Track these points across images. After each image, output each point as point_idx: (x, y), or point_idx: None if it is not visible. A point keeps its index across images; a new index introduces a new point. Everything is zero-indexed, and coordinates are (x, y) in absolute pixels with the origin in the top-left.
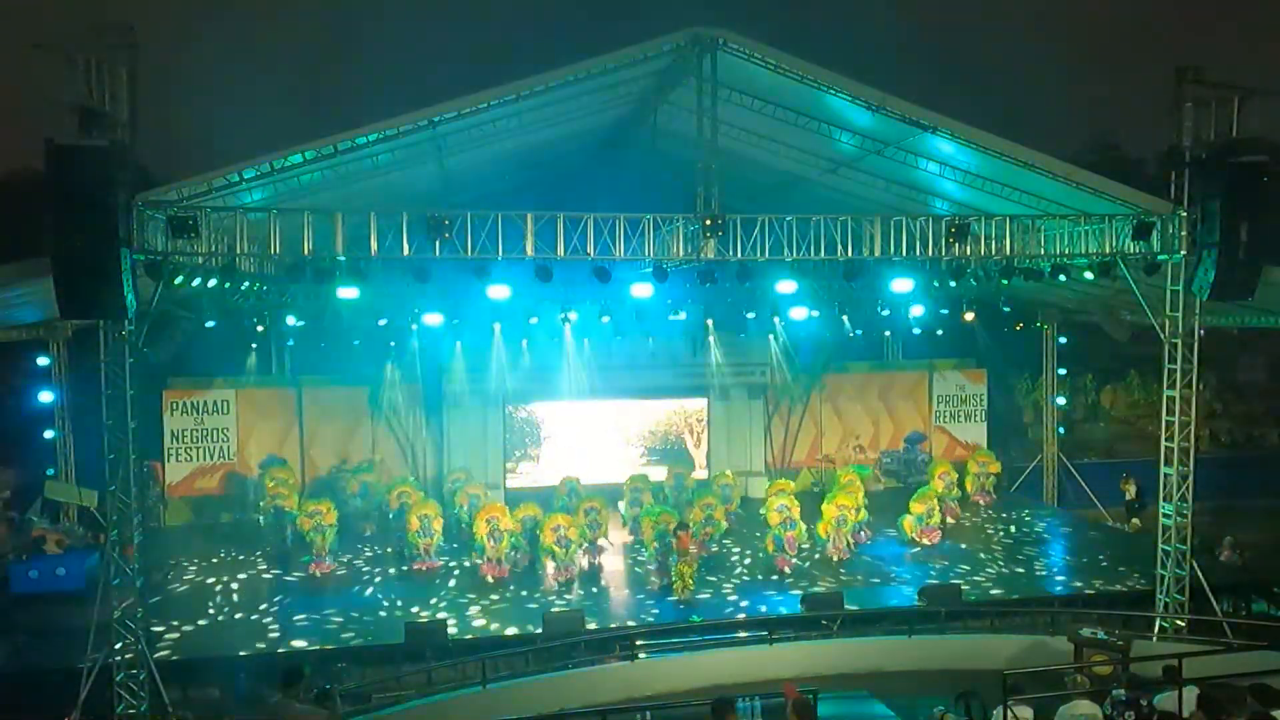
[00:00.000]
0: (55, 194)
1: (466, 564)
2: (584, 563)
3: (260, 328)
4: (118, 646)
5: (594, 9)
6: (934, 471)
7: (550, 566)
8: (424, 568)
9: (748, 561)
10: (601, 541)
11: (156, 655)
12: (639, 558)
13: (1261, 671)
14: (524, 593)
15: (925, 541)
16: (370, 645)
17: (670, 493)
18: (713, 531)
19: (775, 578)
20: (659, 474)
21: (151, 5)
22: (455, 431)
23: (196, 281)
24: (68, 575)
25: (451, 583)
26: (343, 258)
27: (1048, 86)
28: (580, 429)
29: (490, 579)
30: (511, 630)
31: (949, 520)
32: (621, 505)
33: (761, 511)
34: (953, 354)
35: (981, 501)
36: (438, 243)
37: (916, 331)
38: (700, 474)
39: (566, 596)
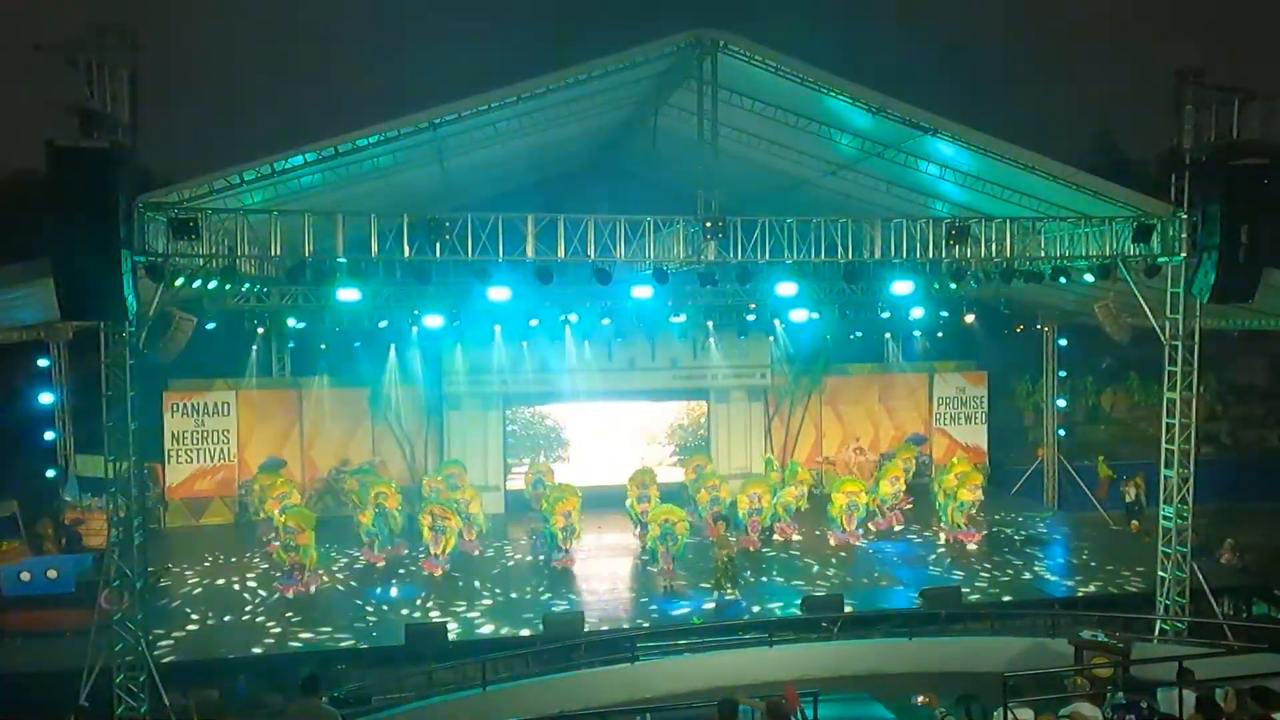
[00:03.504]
0: (56, 196)
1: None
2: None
3: (260, 329)
4: (117, 648)
5: (594, 11)
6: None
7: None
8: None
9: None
10: (608, 539)
11: (157, 657)
12: (640, 558)
13: (1262, 674)
14: (524, 594)
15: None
16: (370, 647)
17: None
18: (720, 510)
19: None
20: (678, 474)
21: (152, 6)
22: (455, 433)
23: (197, 283)
24: (59, 578)
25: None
26: (343, 259)
27: (1047, 88)
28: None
29: (437, 575)
30: (512, 632)
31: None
32: (628, 501)
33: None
34: (953, 356)
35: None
36: (438, 244)
37: (917, 334)
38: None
39: (567, 598)
